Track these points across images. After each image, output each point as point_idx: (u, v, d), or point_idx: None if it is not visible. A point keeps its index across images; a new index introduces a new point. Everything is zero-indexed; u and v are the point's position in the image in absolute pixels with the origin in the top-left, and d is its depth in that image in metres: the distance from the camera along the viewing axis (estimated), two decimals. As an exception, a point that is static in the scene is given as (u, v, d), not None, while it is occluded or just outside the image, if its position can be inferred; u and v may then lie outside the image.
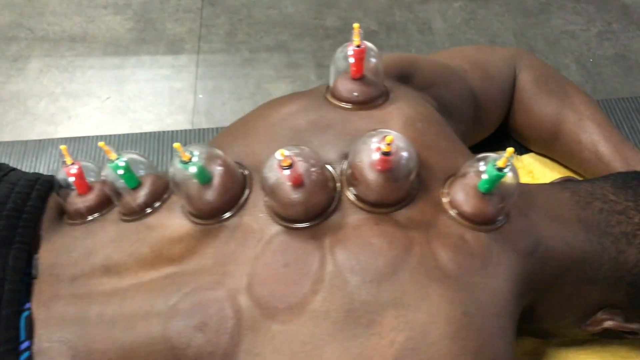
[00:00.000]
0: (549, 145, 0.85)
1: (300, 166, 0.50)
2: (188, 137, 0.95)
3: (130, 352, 0.51)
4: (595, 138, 0.80)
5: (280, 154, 0.48)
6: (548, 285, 0.57)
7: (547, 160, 0.87)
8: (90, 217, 0.61)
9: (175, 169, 0.54)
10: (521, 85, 0.84)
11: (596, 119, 0.81)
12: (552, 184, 0.66)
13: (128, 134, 0.94)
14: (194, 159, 0.53)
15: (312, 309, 0.48)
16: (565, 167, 0.86)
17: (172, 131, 0.95)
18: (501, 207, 0.53)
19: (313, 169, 0.51)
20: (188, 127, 1.00)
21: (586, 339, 0.71)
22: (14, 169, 0.66)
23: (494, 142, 0.87)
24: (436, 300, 0.48)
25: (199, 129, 0.94)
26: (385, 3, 1.23)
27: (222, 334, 0.49)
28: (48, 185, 0.64)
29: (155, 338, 0.51)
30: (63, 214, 0.63)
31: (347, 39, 0.60)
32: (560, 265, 0.56)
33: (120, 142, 0.95)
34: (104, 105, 1.03)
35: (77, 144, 0.95)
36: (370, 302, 0.48)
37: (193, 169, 0.53)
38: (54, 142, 0.95)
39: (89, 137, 0.94)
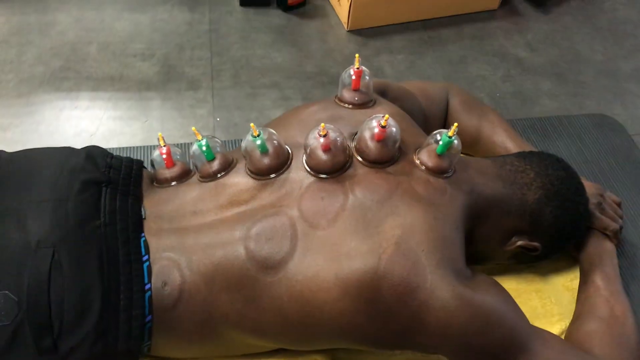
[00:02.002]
0: (473, 147, 1.08)
1: (331, 135, 0.74)
2: (213, 147, 1.15)
3: (221, 259, 0.70)
4: (504, 139, 1.04)
5: (322, 126, 0.72)
6: (480, 216, 0.79)
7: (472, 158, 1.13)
8: (173, 183, 0.81)
9: (247, 141, 0.76)
10: (451, 106, 1.08)
11: (504, 127, 1.06)
12: (478, 157, 0.92)
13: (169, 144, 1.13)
14: (260, 135, 0.75)
15: (341, 219, 0.70)
16: (485, 162, 1.12)
17: (203, 136, 1.15)
18: (450, 163, 0.77)
19: (338, 139, 0.74)
20: (211, 140, 1.21)
21: (506, 266, 0.95)
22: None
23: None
24: (416, 211, 0.70)
25: (220, 141, 1.15)
26: (348, 55, 1.50)
27: (284, 240, 0.70)
28: (141, 162, 0.84)
29: (238, 249, 0.70)
30: (153, 182, 0.83)
31: (324, 81, 0.83)
32: (487, 202, 0.79)
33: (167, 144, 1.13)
34: (144, 126, 1.23)
35: (129, 152, 1.13)
36: (377, 214, 0.70)
37: (258, 142, 0.75)
38: (113, 151, 1.13)
39: (139, 147, 1.12)
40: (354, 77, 0.84)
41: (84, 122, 1.24)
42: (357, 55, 0.82)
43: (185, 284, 0.71)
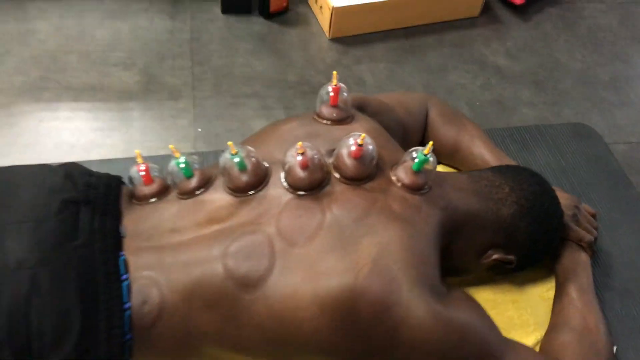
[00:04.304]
0: (451, 158, 1.11)
1: (309, 153, 0.75)
2: (194, 158, 1.16)
3: (200, 278, 0.71)
4: (482, 151, 1.06)
5: (299, 144, 0.74)
6: (456, 231, 0.82)
7: (451, 169, 1.15)
8: (152, 200, 0.82)
9: (225, 158, 0.77)
10: (431, 118, 1.10)
11: (482, 138, 1.08)
12: (455, 172, 0.94)
13: (150, 156, 1.12)
14: (238, 153, 0.76)
15: (319, 238, 0.72)
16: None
17: (181, 154, 1.15)
18: (426, 180, 0.79)
19: (316, 157, 0.76)
20: (192, 150, 1.23)
21: (483, 277, 0.97)
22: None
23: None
24: (393, 229, 0.73)
25: (202, 152, 1.16)
26: (329, 64, 1.51)
27: (262, 258, 0.71)
28: (119, 179, 0.85)
29: (217, 268, 0.71)
30: (131, 198, 0.84)
31: (305, 90, 0.84)
32: (462, 217, 0.82)
33: (145, 161, 1.13)
34: (125, 137, 1.24)
35: (109, 165, 1.13)
36: (354, 232, 0.72)
37: (237, 159, 0.76)
38: (91, 164, 1.12)
39: (120, 159, 1.12)
40: (331, 94, 0.85)
41: (65, 134, 1.25)
42: (334, 72, 0.84)
43: (165, 302, 0.71)
